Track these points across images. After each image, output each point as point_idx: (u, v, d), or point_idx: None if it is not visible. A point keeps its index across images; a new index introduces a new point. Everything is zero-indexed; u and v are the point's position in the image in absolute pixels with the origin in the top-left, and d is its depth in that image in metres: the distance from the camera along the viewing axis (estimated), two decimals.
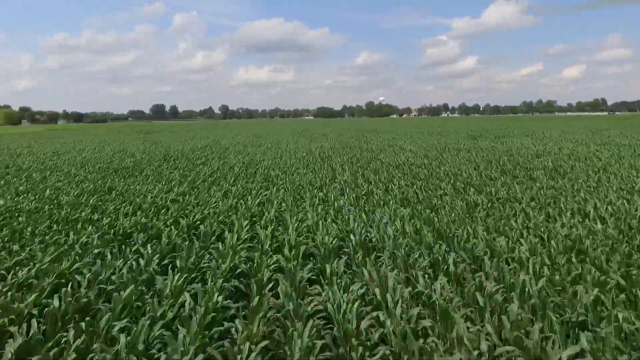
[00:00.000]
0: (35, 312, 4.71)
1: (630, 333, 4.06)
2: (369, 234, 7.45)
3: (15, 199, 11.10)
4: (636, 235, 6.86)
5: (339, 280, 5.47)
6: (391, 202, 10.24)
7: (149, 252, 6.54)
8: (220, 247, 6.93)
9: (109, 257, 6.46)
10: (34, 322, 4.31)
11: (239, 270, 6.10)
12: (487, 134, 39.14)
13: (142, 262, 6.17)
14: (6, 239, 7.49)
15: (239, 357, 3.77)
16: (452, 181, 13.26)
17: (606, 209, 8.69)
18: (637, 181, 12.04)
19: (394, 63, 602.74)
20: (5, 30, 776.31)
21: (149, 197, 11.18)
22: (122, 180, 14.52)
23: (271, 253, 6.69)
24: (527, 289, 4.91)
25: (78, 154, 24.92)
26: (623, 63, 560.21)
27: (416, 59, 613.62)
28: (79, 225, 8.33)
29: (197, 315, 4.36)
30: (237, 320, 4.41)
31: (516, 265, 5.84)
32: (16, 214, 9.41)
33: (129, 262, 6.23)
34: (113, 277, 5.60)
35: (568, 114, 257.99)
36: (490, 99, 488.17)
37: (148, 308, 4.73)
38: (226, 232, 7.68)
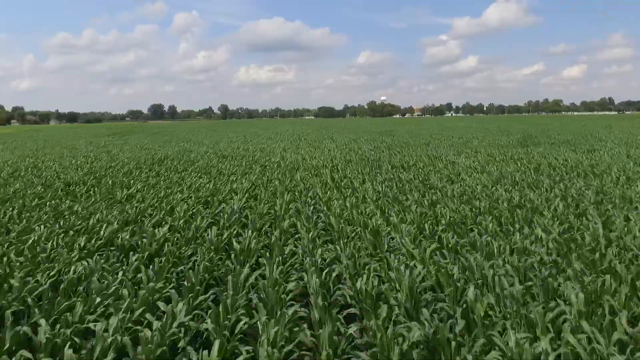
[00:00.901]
0: None
1: None
2: None
3: None
4: None
5: None
6: None
7: None
8: None
9: None
10: None
11: None
12: (534, 139, 30.54)
13: None
14: None
15: None
16: None
17: None
18: None
19: (395, 63, 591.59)
20: (7, 30, 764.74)
21: None
22: None
23: None
24: None
25: None
26: (625, 63, 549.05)
27: (417, 59, 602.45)
28: None
29: None
30: None
31: None
32: None
33: None
34: None
35: (575, 113, 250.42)
36: (491, 98, 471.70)
37: None
38: None
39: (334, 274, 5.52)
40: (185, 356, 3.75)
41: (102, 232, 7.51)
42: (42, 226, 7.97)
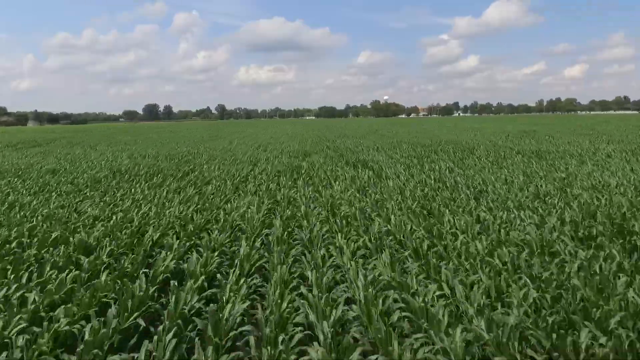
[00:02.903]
0: None
1: None
2: None
3: None
4: None
5: None
6: None
7: None
8: None
9: None
10: None
11: None
12: None
13: None
14: None
15: None
16: None
17: None
18: None
19: (395, 63, 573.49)
20: (7, 30, 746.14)
21: None
22: None
23: None
24: None
25: None
26: (625, 62, 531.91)
27: (417, 59, 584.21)
28: None
29: None
30: None
31: None
32: None
33: None
34: None
35: (592, 112, 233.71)
36: (492, 98, 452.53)
37: None
38: None
39: None
40: None
41: None
42: None
